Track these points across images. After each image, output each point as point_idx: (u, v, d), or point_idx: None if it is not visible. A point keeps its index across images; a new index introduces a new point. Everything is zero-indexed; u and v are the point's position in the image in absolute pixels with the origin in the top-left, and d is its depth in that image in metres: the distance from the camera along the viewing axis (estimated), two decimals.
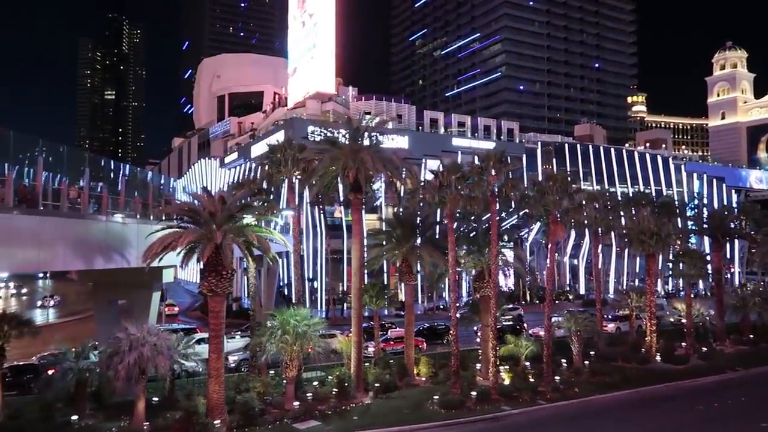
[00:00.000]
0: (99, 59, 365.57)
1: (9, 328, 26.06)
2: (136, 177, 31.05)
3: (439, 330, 49.49)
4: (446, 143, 77.03)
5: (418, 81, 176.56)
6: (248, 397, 26.72)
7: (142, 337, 24.72)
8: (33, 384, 31.92)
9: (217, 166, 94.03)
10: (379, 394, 30.77)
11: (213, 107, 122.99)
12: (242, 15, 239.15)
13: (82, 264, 21.90)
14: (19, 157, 19.45)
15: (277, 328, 27.82)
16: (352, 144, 29.37)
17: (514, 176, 31.94)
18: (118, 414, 26.72)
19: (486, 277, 33.06)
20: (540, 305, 73.43)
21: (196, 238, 24.00)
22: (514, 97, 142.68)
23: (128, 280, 28.05)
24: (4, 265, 18.89)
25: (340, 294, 69.51)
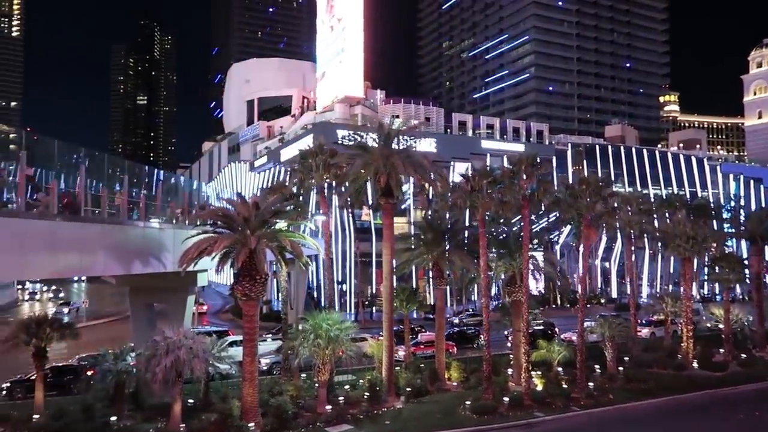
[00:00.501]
0: (131, 65, 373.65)
1: (51, 331, 26.85)
2: (170, 183, 31.66)
3: (469, 334, 49.26)
4: (475, 146, 76.71)
5: (446, 83, 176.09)
6: (281, 400, 26.98)
7: (179, 340, 25.13)
8: (73, 385, 32.85)
9: (246, 170, 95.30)
10: (411, 398, 30.75)
11: (242, 111, 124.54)
12: (270, 20, 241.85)
13: (121, 269, 22.42)
14: (61, 164, 20.01)
15: (309, 332, 28.03)
16: (383, 149, 29.44)
17: (545, 179, 31.49)
18: (155, 415, 27.24)
19: (518, 281, 32.82)
20: (571, 309, 72.56)
21: (231, 244, 24.34)
22: (543, 98, 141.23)
23: (164, 284, 28.60)
24: (47, 270, 19.44)
25: (369, 297, 69.74)
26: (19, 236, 16.65)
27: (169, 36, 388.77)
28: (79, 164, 20.18)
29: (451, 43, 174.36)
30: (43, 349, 26.91)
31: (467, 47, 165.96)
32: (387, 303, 31.01)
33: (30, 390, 31.00)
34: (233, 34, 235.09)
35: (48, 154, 18.72)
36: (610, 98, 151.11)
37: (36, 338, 26.46)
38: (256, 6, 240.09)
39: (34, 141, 18.08)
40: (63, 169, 20.07)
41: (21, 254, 16.76)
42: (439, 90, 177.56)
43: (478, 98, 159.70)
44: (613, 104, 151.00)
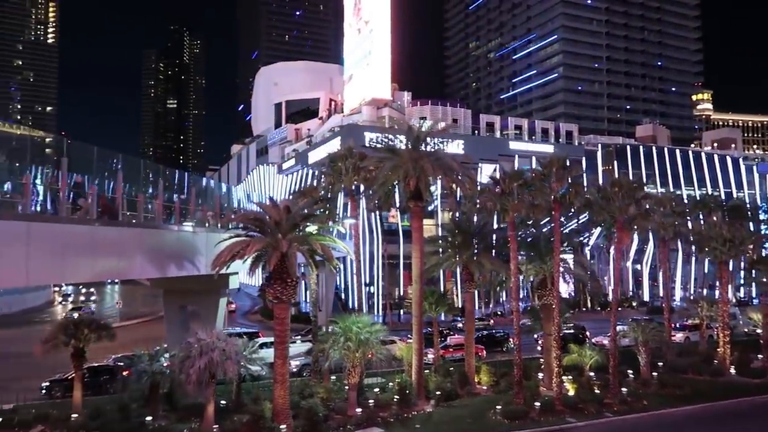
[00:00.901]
0: (162, 70, 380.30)
1: (89, 332, 27.51)
2: (203, 187, 32.17)
3: (497, 337, 48.88)
4: (503, 147, 76.17)
5: (473, 84, 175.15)
6: (312, 402, 27.17)
7: (212, 342, 25.49)
8: (109, 384, 33.61)
9: (275, 172, 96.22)
10: (441, 402, 30.68)
11: (270, 114, 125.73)
12: (297, 23, 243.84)
13: (157, 272, 22.86)
14: (99, 170, 20.50)
15: (339, 335, 28.17)
16: (412, 151, 29.43)
17: (577, 182, 31.08)
18: (189, 416, 27.69)
19: (548, 285, 32.47)
20: (602, 312, 71.44)
21: (263, 247, 24.61)
22: (572, 98, 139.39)
23: (197, 287, 29.05)
24: (87, 273, 19.95)
25: (397, 299, 69.74)
26: (60, 241, 17.11)
27: (198, 41, 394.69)
28: (117, 170, 20.65)
29: (478, 43, 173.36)
30: (81, 349, 27.59)
31: (494, 47, 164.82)
32: (416, 306, 30.98)
33: (68, 389, 31.82)
34: (261, 37, 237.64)
35: (87, 160, 19.20)
36: (640, 97, 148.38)
37: (75, 339, 27.15)
38: (283, 10, 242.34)
39: (75, 148, 18.53)
40: (101, 174, 20.55)
41: (62, 258, 17.23)
42: (466, 91, 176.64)
43: (505, 99, 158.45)
44: (644, 103, 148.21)
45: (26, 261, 15.45)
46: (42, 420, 26.66)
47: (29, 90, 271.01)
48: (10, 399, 30.12)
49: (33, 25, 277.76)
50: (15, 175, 17.87)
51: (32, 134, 24.38)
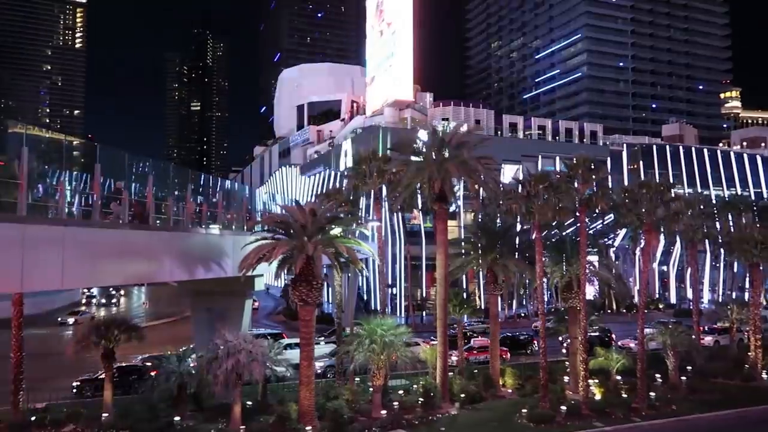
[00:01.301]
0: (185, 73, 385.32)
1: (118, 333, 28.03)
2: (229, 190, 32.52)
3: (521, 340, 48.52)
4: (526, 148, 75.55)
5: (495, 84, 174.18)
6: (338, 404, 27.29)
7: (239, 344, 25.82)
8: (137, 384, 34.12)
9: (297, 174, 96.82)
10: (465, 404, 30.62)
11: (293, 116, 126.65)
12: (319, 25, 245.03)
13: (186, 275, 23.17)
14: (130, 174, 20.88)
15: (364, 337, 28.27)
16: (436, 154, 29.39)
17: (603, 183, 30.71)
18: (215, 416, 28.04)
19: (574, 287, 32.17)
20: (627, 314, 70.45)
21: (289, 250, 24.81)
22: (596, 98, 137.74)
23: (223, 289, 29.34)
24: (119, 277, 20.33)
25: (419, 300, 69.65)
26: (94, 245, 17.47)
27: (221, 44, 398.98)
28: (147, 174, 21.01)
29: (500, 43, 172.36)
30: (111, 350, 28.11)
31: (517, 47, 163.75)
32: (441, 309, 30.92)
33: (98, 389, 32.43)
34: (283, 40, 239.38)
35: (118, 166, 19.57)
36: (667, 96, 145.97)
37: (105, 340, 27.68)
38: (305, 12, 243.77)
39: (107, 153, 18.90)
40: (132, 178, 20.93)
41: (95, 262, 17.59)
42: (488, 91, 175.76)
43: (528, 99, 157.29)
44: (671, 102, 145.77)
45: (62, 265, 15.81)
46: (73, 419, 27.23)
47: (57, 94, 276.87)
48: (42, 398, 30.78)
49: (61, 30, 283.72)
50: (48, 178, 18.26)
51: (64, 138, 24.85)
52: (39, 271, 15.09)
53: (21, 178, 14.79)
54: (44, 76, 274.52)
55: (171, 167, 23.98)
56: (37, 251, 14.99)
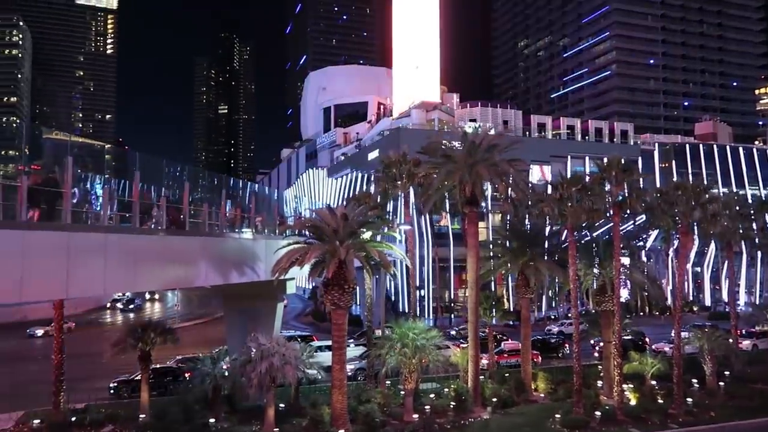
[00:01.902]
0: (213, 76, 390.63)
1: (155, 336, 28.58)
2: (260, 194, 32.85)
3: (552, 343, 48.00)
4: (555, 148, 74.70)
5: (521, 83, 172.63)
6: (370, 408, 27.38)
7: (272, 347, 26.09)
8: (172, 386, 34.72)
9: (324, 176, 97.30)
10: (497, 409, 30.37)
11: (319, 118, 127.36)
12: (345, 27, 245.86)
13: (221, 279, 23.50)
14: (168, 180, 21.27)
15: (396, 341, 28.29)
16: (467, 157, 29.26)
17: (637, 185, 30.19)
18: (249, 418, 28.35)
19: (608, 290, 31.71)
20: (660, 317, 69.11)
21: (321, 254, 24.97)
22: (625, 96, 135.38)
23: (256, 292, 29.65)
24: (157, 282, 20.74)
25: (447, 302, 69.41)
26: (133, 251, 17.85)
27: (248, 47, 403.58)
28: (183, 180, 21.37)
29: (527, 42, 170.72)
30: (147, 352, 28.68)
31: (544, 46, 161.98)
32: (472, 313, 30.78)
33: (134, 389, 33.11)
34: (308, 42, 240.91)
35: (157, 173, 19.96)
36: (699, 93, 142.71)
37: (142, 342, 28.24)
38: (331, 14, 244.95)
39: (146, 160, 19.29)
40: (168, 184, 21.32)
41: (135, 268, 17.96)
42: (514, 91, 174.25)
43: (555, 98, 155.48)
44: (703, 99, 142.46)
45: (104, 271, 16.19)
46: (112, 420, 27.84)
47: (89, 99, 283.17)
48: (81, 398, 31.51)
49: (93, 37, 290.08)
50: (87, 185, 18.68)
51: (104, 146, 25.31)
52: (83, 277, 15.47)
53: (66, 186, 15.18)
54: (77, 82, 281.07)
55: (206, 173, 24.36)
56: (81, 258, 15.38)
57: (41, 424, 27.15)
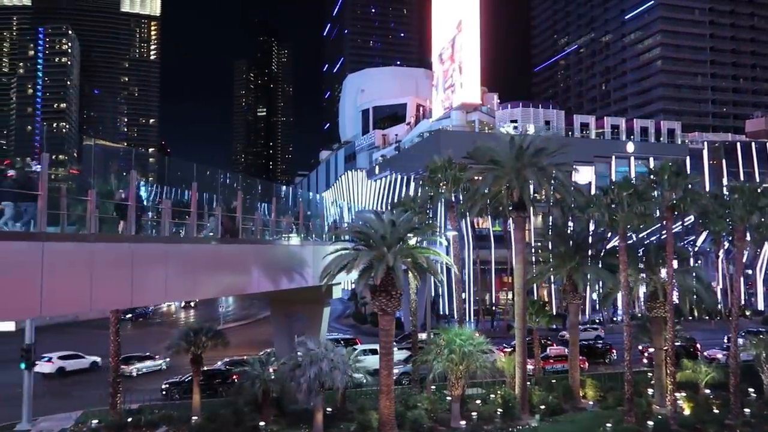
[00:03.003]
0: (252, 80, 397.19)
1: (206, 340, 29.26)
2: (307, 201, 33.26)
3: (599, 349, 47.07)
4: (600, 148, 73.18)
5: (562, 81, 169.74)
6: (418, 414, 27.42)
7: (320, 352, 26.38)
8: (221, 388, 35.45)
9: (363, 178, 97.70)
10: (546, 416, 29.98)
11: (358, 120, 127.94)
12: (382, 29, 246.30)
13: (271, 285, 23.88)
14: (223, 190, 21.74)
15: (443, 347, 28.22)
16: (514, 161, 28.96)
17: (692, 189, 29.30)
18: (297, 422, 28.75)
19: (660, 297, 30.95)
20: (710, 322, 66.99)
21: (370, 260, 25.10)
22: (671, 93, 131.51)
23: (303, 297, 30.03)
24: (213, 290, 21.21)
25: (488, 306, 68.78)
26: (191, 260, 18.31)
27: (286, 50, 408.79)
28: (237, 189, 21.82)
29: (568, 39, 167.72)
30: (199, 355, 29.38)
31: (585, 43, 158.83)
32: (520, 319, 30.46)
33: (185, 391, 33.94)
34: (345, 44, 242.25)
35: (213, 184, 20.42)
36: (750, 89, 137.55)
37: (194, 346, 28.95)
38: (368, 16, 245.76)
39: (203, 171, 19.77)
40: (225, 193, 21.79)
41: (193, 276, 18.43)
42: (554, 89, 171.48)
43: (597, 96, 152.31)
44: (755, 95, 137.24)
45: (165, 280, 16.66)
46: (166, 421, 28.59)
47: (134, 104, 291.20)
48: (134, 399, 32.49)
49: (137, 43, 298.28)
50: (151, 195, 19.26)
51: (167, 158, 25.88)
52: (146, 286, 15.96)
53: (130, 198, 15.69)
54: (122, 88, 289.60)
55: (258, 182, 24.81)
56: (144, 268, 15.87)
57: (99, 425, 28.10)
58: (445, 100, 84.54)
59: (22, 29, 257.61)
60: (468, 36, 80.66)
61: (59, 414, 30.64)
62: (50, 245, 12.60)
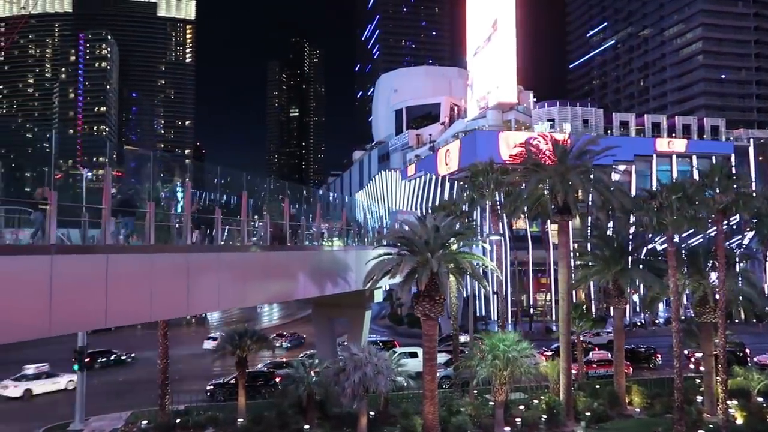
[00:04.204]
0: (284, 80, 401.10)
1: (251, 343, 29.69)
2: (351, 207, 33.45)
3: (642, 353, 46.06)
4: (640, 147, 71.58)
5: (598, 78, 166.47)
6: (462, 420, 27.29)
7: (365, 357, 26.47)
8: (263, 389, 35.92)
9: (397, 178, 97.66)
10: (591, 424, 29.48)
11: (391, 120, 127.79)
12: (414, 28, 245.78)
13: (317, 291, 24.07)
14: (270, 198, 22.01)
15: (487, 352, 27.99)
16: (558, 165, 28.54)
17: (744, 192, 28.40)
18: (340, 425, 28.88)
19: (710, 302, 30.09)
20: (759, 326, 64.85)
21: (414, 266, 25.05)
22: (714, 88, 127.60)
23: (345, 301, 30.22)
24: (263, 296, 21.51)
25: (526, 307, 68.04)
26: (241, 267, 18.58)
27: (317, 50, 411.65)
28: (284, 197, 22.06)
29: (604, 35, 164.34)
30: (244, 358, 29.82)
31: (623, 38, 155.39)
32: (564, 324, 30.03)
33: (229, 393, 34.51)
34: (378, 43, 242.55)
35: (260, 195, 20.69)
36: None
37: (239, 349, 29.40)
38: (399, 15, 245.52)
39: (251, 180, 20.04)
40: (272, 201, 22.07)
41: (244, 284, 18.71)
42: (590, 86, 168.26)
43: (635, 92, 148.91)
44: None
45: (218, 288, 16.94)
46: (212, 423, 29.11)
47: (170, 106, 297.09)
48: (181, 400, 33.16)
49: (173, 47, 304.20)
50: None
51: (218, 168, 26.35)
52: (200, 295, 16.26)
53: (186, 209, 16.01)
54: (159, 91, 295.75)
55: (303, 189, 25.05)
56: (199, 277, 16.16)
57: (149, 425, 28.78)
58: (480, 99, 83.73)
59: (64, 35, 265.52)
60: (504, 34, 79.79)
61: (110, 414, 31.50)
62: (113, 258, 12.93)
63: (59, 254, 11.69)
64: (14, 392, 35.99)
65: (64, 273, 11.78)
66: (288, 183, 23.14)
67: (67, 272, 11.86)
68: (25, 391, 36.22)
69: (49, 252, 11.48)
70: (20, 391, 36.09)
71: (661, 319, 66.17)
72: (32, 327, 11.25)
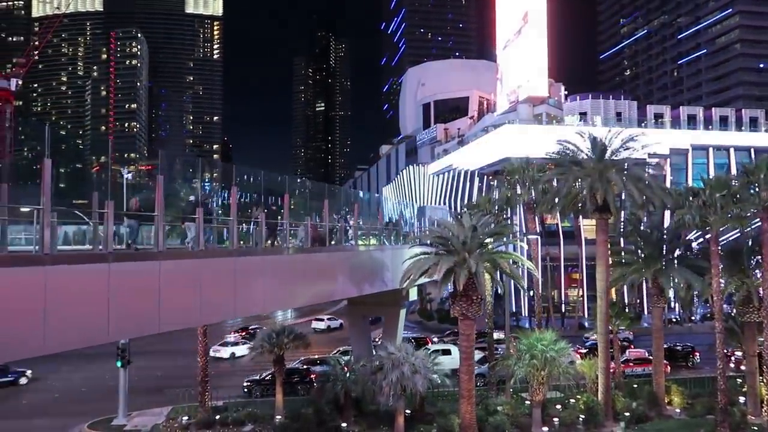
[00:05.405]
0: (310, 75, 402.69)
1: (288, 341, 30.02)
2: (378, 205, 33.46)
3: (680, 351, 45.19)
4: (674, 140, 70.00)
5: (629, 69, 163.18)
6: (500, 420, 27.20)
7: (402, 356, 26.55)
8: (299, 386, 36.28)
9: (426, 173, 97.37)
10: (631, 424, 29.12)
11: (418, 114, 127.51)
12: (441, 20, 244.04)
13: (355, 291, 24.22)
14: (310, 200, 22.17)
15: (524, 352, 27.84)
16: (596, 162, 28.11)
17: None
18: (377, 423, 29.01)
19: (754, 302, 29.37)
20: None
21: (452, 266, 25.00)
22: (752, 78, 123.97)
23: (380, 299, 30.21)
24: (304, 298, 21.72)
25: (557, 303, 67.32)
26: (284, 270, 18.78)
27: (343, 45, 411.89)
28: (323, 199, 22.19)
29: (636, 24, 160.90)
30: (281, 356, 30.18)
31: (655, 28, 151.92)
32: (602, 324, 29.66)
33: (266, 389, 34.97)
34: (404, 36, 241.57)
35: (303, 198, 20.86)
36: None
37: (277, 347, 29.76)
38: (425, 8, 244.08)
39: (292, 183, 20.19)
40: (312, 204, 22.22)
41: (287, 286, 18.92)
42: (621, 77, 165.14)
43: (668, 83, 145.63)
44: None
45: (263, 291, 17.15)
46: (251, 419, 29.54)
47: (199, 102, 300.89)
48: (218, 396, 33.64)
49: (201, 43, 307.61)
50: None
51: (262, 173, 26.77)
52: (246, 298, 16.50)
53: (231, 214, 16.23)
54: (188, 87, 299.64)
55: (341, 190, 25.20)
56: (245, 280, 16.38)
57: (189, 421, 29.35)
58: (510, 93, 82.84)
59: (95, 34, 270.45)
60: (535, 27, 78.71)
61: (152, 409, 32.19)
62: (166, 263, 13.18)
63: (116, 262, 11.96)
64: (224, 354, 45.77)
65: (120, 280, 12.06)
66: (327, 185, 23.27)
67: (123, 279, 12.15)
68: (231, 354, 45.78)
69: (107, 260, 11.76)
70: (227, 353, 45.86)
71: (697, 315, 64.83)
72: (93, 333, 11.54)
